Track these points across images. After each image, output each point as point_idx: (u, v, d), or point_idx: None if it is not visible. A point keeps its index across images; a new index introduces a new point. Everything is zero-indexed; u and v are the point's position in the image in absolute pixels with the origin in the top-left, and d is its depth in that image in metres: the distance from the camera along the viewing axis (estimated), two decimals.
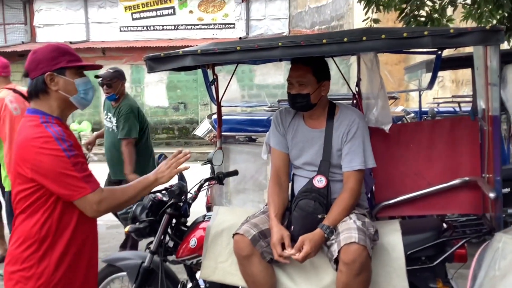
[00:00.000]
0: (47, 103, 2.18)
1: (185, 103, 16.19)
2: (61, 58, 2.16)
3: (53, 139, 2.06)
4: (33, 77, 2.16)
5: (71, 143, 2.10)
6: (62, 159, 2.05)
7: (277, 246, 2.51)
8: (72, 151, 2.08)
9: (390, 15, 5.95)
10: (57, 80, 2.15)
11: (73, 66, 2.19)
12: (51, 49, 2.18)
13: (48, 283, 2.12)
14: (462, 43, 2.43)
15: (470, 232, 3.85)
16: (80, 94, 2.21)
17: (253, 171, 3.97)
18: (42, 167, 2.06)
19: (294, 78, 2.74)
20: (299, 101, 2.72)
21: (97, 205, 2.11)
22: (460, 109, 6.57)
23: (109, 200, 2.15)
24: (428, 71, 4.44)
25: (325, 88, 2.77)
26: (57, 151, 2.05)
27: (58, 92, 2.16)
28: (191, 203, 3.06)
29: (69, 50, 2.22)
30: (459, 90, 10.09)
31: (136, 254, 3.16)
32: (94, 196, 2.10)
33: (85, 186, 2.08)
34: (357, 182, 2.67)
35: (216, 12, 16.99)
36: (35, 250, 2.10)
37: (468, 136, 2.95)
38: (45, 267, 2.11)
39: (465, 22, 5.36)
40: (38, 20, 17.47)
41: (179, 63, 2.79)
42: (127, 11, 17.05)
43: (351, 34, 2.55)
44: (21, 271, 2.12)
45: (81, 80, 2.21)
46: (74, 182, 2.06)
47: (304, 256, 2.45)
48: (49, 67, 2.14)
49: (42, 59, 2.15)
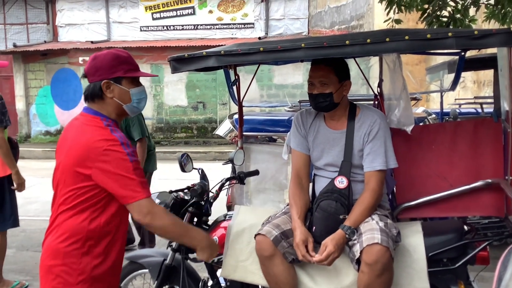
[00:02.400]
0: (104, 108, 2.27)
1: (204, 102, 16.27)
2: (119, 67, 2.25)
3: (119, 143, 2.16)
4: (91, 81, 2.26)
5: (133, 149, 2.20)
6: (126, 163, 2.14)
7: (300, 247, 2.52)
8: (134, 157, 2.18)
9: (412, 15, 5.91)
10: (113, 88, 2.25)
11: (130, 76, 2.28)
12: (111, 58, 2.26)
13: (88, 279, 2.19)
14: (486, 44, 2.41)
15: (492, 235, 3.83)
16: (134, 103, 2.31)
17: (273, 171, 3.98)
18: (106, 168, 2.13)
19: (316, 78, 2.74)
20: (322, 100, 2.72)
21: (146, 215, 2.18)
22: (482, 110, 6.49)
23: (159, 217, 2.21)
24: (450, 72, 4.40)
25: (347, 88, 2.77)
26: (122, 155, 2.14)
27: (113, 100, 2.26)
28: (212, 202, 3.09)
29: (128, 60, 2.30)
30: (480, 91, 9.96)
31: (158, 252, 3.19)
32: (147, 202, 2.18)
33: (141, 191, 2.16)
34: (379, 183, 2.67)
35: (235, 12, 17.05)
36: (80, 246, 2.18)
37: (491, 137, 2.93)
38: (87, 264, 2.19)
39: (488, 22, 5.30)
40: (60, 20, 17.75)
41: (203, 64, 2.82)
42: (147, 11, 17.21)
43: (374, 35, 2.55)
44: (62, 266, 2.18)
45: (136, 90, 2.31)
46: (133, 185, 2.15)
47: (327, 255, 2.45)
48: (107, 75, 2.23)
49: (101, 66, 2.24)
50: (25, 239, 6.03)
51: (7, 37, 17.94)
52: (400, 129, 3.01)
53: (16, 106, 16.87)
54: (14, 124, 17.18)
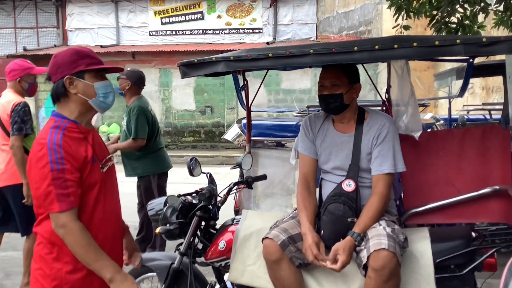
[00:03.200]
0: (68, 106, 2.21)
1: (212, 106, 16.32)
2: (80, 62, 2.18)
3: (46, 147, 2.05)
4: (54, 81, 2.20)
5: (63, 155, 2.05)
6: (44, 170, 2.03)
7: (313, 248, 2.52)
8: (60, 164, 2.04)
9: (420, 21, 5.91)
10: (76, 84, 2.17)
11: (92, 69, 2.21)
12: (71, 53, 2.20)
13: (61, 285, 2.13)
14: (494, 51, 2.41)
15: (500, 241, 3.81)
16: (99, 97, 2.22)
17: (281, 176, 3.99)
18: (29, 173, 2.11)
19: (327, 80, 2.76)
20: (332, 101, 2.74)
21: (60, 228, 2.06)
22: (490, 117, 6.47)
23: (72, 234, 2.06)
24: (458, 78, 4.40)
25: (357, 91, 2.79)
26: (43, 162, 2.04)
27: (77, 95, 2.19)
28: (220, 206, 3.10)
29: (89, 54, 2.23)
30: (489, 97, 9.93)
31: (166, 255, 3.21)
32: (62, 216, 2.05)
33: (55, 204, 2.03)
34: (386, 186, 2.67)
35: (244, 17, 17.12)
36: (49, 251, 2.14)
37: (499, 144, 2.92)
38: (58, 270, 2.13)
39: (496, 29, 5.29)
40: (70, 24, 17.89)
41: (212, 69, 2.85)
42: (156, 16, 17.32)
43: (382, 42, 2.56)
44: (39, 270, 2.17)
45: (100, 84, 2.22)
46: (45, 197, 2.05)
47: (342, 266, 2.45)
48: (68, 71, 2.16)
49: (62, 63, 2.18)
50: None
51: (17, 41, 18.12)
52: (408, 135, 3.02)
53: None
54: None
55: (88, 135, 2.24)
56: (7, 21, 18.18)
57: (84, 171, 2.14)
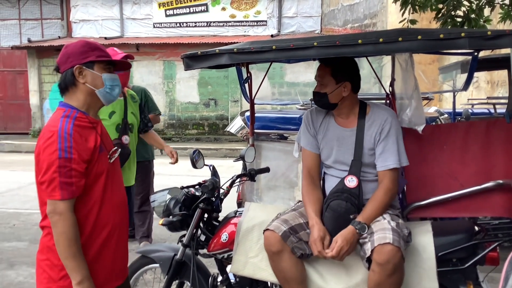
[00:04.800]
0: (76, 97, 2.24)
1: (216, 99, 16.32)
2: (91, 53, 2.23)
3: (57, 135, 2.09)
4: (63, 71, 2.23)
5: (72, 144, 2.09)
6: (52, 157, 2.07)
7: (318, 243, 2.54)
8: (68, 153, 2.08)
9: (425, 14, 5.88)
10: (85, 73, 2.22)
11: (102, 60, 2.25)
12: (82, 44, 2.25)
13: None
14: (499, 45, 2.39)
15: (502, 236, 3.81)
16: (106, 88, 2.27)
17: (284, 169, 3.99)
18: (37, 159, 2.13)
19: (317, 77, 2.83)
20: (318, 99, 2.82)
21: (56, 214, 2.08)
22: (495, 111, 6.44)
23: (62, 225, 2.07)
24: (463, 72, 4.38)
25: (347, 89, 2.76)
26: (53, 149, 2.07)
27: (85, 85, 2.22)
28: (223, 199, 3.11)
29: (99, 46, 2.28)
30: (494, 91, 9.88)
31: (168, 247, 3.22)
32: (62, 205, 2.07)
33: (55, 191, 2.07)
34: (392, 181, 2.67)
35: (248, 10, 17.06)
36: None
37: (503, 138, 2.92)
38: None
39: (503, 23, 5.26)
40: (74, 16, 17.89)
41: (216, 61, 2.84)
42: (161, 8, 17.29)
43: (386, 35, 2.55)
44: (46, 260, 2.20)
45: (108, 76, 2.27)
46: (48, 183, 2.08)
47: (338, 251, 2.47)
48: (78, 61, 2.21)
49: (72, 53, 2.22)
50: (37, 232, 6.09)
51: (21, 32, 18.14)
52: (411, 129, 3.01)
53: (30, 101, 17.07)
54: (28, 118, 17.36)
55: (97, 126, 2.29)
56: (12, 12, 18.20)
57: (92, 161, 2.18)
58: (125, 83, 4.17)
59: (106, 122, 3.99)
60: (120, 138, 3.98)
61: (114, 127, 4.00)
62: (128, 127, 4.08)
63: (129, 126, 4.10)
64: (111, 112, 4.04)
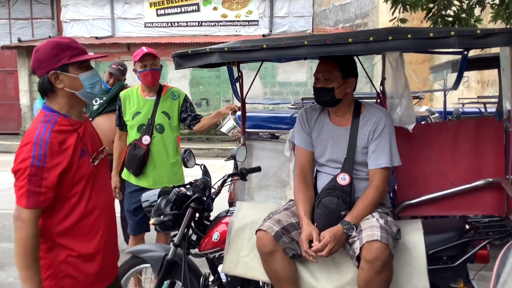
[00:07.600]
0: (56, 101, 2.17)
1: (208, 99, 16.30)
2: (62, 55, 2.11)
3: (33, 142, 2.04)
4: (39, 76, 2.15)
5: (46, 152, 2.04)
6: (25, 164, 2.02)
7: (304, 242, 2.54)
8: (42, 162, 2.03)
9: (416, 14, 5.90)
10: (61, 78, 2.12)
11: (76, 61, 2.15)
12: (52, 46, 2.13)
13: (56, 273, 2.15)
14: (488, 43, 2.40)
15: (492, 234, 3.83)
16: (86, 88, 2.17)
17: (275, 168, 3.99)
18: (15, 162, 2.08)
19: (320, 73, 2.77)
20: (323, 94, 2.76)
21: (18, 221, 2.04)
22: (485, 110, 6.48)
23: (23, 232, 2.04)
24: (454, 71, 4.40)
25: (351, 85, 2.79)
26: (25, 155, 2.03)
27: (64, 90, 2.14)
28: (214, 198, 3.11)
29: (70, 44, 2.16)
30: (484, 90, 9.93)
31: (160, 246, 3.21)
32: (25, 213, 2.03)
33: (22, 198, 2.03)
34: (383, 180, 2.69)
35: (240, 9, 17.04)
36: (42, 241, 2.13)
37: (492, 137, 2.93)
38: (52, 259, 2.14)
39: (493, 23, 5.29)
40: (65, 15, 17.77)
41: (206, 60, 2.83)
42: (152, 7, 17.23)
43: (377, 34, 2.56)
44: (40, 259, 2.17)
45: (86, 75, 2.17)
46: (19, 188, 2.04)
47: (323, 245, 2.46)
48: (51, 66, 2.10)
49: (44, 58, 2.12)
50: None
51: (11, 32, 18.00)
52: (402, 128, 3.03)
53: (20, 101, 16.95)
54: (18, 119, 17.24)
55: (79, 128, 2.21)
56: (2, 11, 18.05)
57: (71, 169, 2.12)
58: (155, 81, 4.05)
59: (129, 122, 3.94)
60: (140, 139, 3.86)
61: (136, 127, 3.89)
62: (153, 128, 3.89)
63: (155, 126, 3.90)
64: (135, 113, 3.91)
